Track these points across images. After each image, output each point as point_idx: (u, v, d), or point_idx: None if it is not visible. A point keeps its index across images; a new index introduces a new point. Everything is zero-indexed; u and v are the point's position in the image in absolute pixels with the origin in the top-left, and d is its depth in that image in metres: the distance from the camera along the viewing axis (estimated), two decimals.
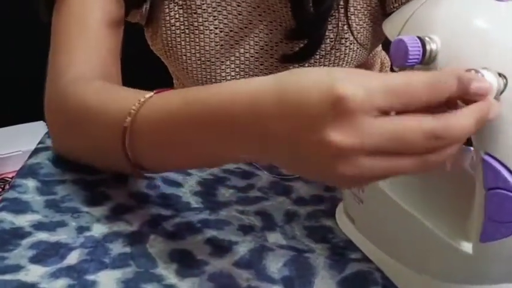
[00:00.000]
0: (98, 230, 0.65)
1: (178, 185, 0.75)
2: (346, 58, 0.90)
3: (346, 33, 0.88)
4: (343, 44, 0.89)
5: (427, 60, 0.52)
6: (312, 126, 0.45)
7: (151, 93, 0.62)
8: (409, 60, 0.52)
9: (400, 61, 0.53)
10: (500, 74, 0.47)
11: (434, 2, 0.55)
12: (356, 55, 0.91)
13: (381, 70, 1.12)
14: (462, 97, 0.46)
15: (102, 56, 0.77)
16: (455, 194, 0.59)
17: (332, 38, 0.88)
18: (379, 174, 0.46)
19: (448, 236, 0.55)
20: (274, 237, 0.67)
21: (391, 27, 0.58)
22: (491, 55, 0.49)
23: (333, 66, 0.90)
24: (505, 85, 0.47)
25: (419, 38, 0.52)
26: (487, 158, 0.49)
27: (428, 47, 0.52)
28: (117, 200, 0.70)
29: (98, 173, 0.74)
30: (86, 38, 0.77)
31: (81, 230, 0.64)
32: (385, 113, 0.45)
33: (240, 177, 0.78)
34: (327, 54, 0.89)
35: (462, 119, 0.45)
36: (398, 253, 0.61)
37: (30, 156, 0.76)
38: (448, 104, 0.46)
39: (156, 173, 0.72)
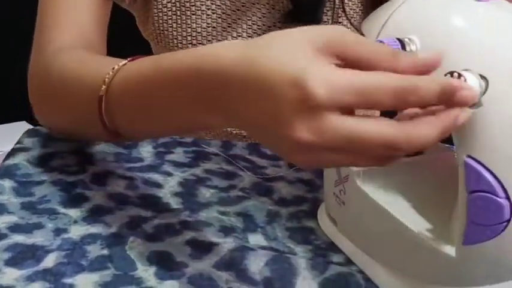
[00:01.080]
0: (76, 232, 0.64)
1: (158, 185, 0.74)
2: None
3: (340, 17, 0.88)
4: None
5: None
6: (275, 117, 0.45)
7: (125, 61, 0.63)
8: None
9: None
10: (481, 76, 0.47)
11: (413, 3, 0.54)
12: None
13: None
14: (440, 103, 0.45)
15: (86, 28, 0.78)
16: (438, 197, 0.59)
17: (326, 22, 0.87)
18: (337, 165, 0.50)
19: (431, 238, 0.54)
20: (255, 239, 0.66)
21: (369, 29, 0.57)
22: (471, 56, 0.49)
23: None
24: (486, 87, 0.47)
25: (398, 39, 0.52)
26: (469, 160, 0.48)
27: (408, 48, 0.52)
28: (95, 201, 0.69)
29: (77, 174, 0.73)
30: (70, 12, 0.78)
31: (58, 232, 0.63)
32: (351, 109, 0.46)
33: (221, 178, 0.77)
34: None
35: (426, 130, 0.44)
36: (381, 255, 0.61)
37: (7, 157, 0.75)
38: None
39: (132, 140, 0.71)
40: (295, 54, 0.45)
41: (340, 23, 0.88)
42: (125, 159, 0.78)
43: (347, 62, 0.46)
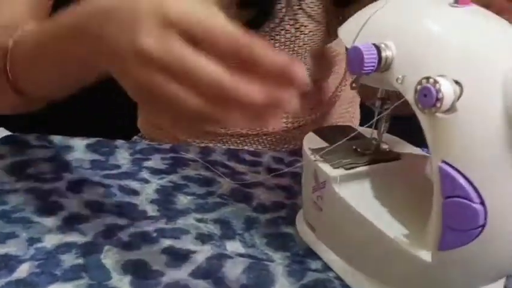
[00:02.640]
0: (50, 241, 0.63)
1: (135, 193, 0.74)
2: (300, 31, 0.89)
3: (297, 5, 0.87)
4: (296, 13, 0.88)
5: (383, 67, 0.52)
6: (131, 24, 0.49)
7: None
8: (365, 68, 0.52)
9: (356, 68, 0.52)
10: (456, 82, 0.47)
11: (389, 8, 0.54)
12: (310, 31, 0.89)
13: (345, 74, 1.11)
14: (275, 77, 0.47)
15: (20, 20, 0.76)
16: (415, 202, 0.59)
17: (283, 6, 0.87)
18: (164, 92, 0.48)
19: (407, 244, 0.54)
20: (233, 246, 0.66)
21: (346, 34, 0.57)
22: (447, 61, 0.49)
23: (285, 39, 0.89)
24: (461, 92, 0.47)
25: (374, 45, 0.52)
26: (443, 166, 0.48)
27: (384, 54, 0.52)
28: (70, 209, 0.69)
29: (52, 182, 0.73)
30: (5, 3, 0.77)
31: (32, 241, 0.63)
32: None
33: (199, 184, 0.77)
34: (278, 26, 0.87)
35: (254, 89, 0.47)
36: (359, 262, 0.60)
37: None
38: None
39: (34, 95, 0.71)
40: None
41: (300, 9, 0.87)
42: (101, 166, 0.78)
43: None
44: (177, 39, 0.48)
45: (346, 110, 1.05)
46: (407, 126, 0.58)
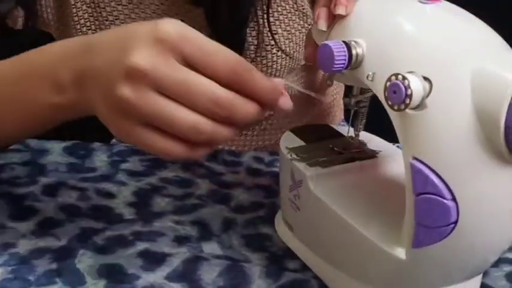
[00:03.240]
0: (24, 246, 0.63)
1: (111, 196, 0.73)
2: (274, 66, 0.89)
3: (271, 39, 0.87)
4: (269, 51, 0.88)
5: (353, 65, 0.52)
6: (125, 44, 0.51)
7: None
8: (335, 65, 0.52)
9: (326, 66, 0.52)
10: (425, 78, 0.47)
11: (360, 6, 0.54)
12: (285, 63, 0.90)
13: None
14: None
15: None
16: (391, 199, 0.59)
17: (256, 45, 0.87)
18: (156, 113, 0.50)
19: (382, 241, 0.54)
20: (210, 247, 0.66)
21: (317, 32, 0.57)
22: (416, 58, 0.49)
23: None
24: (430, 89, 0.47)
25: (344, 42, 0.52)
26: (414, 162, 0.48)
27: (354, 52, 0.51)
28: (45, 213, 0.68)
29: (26, 186, 0.73)
30: None
31: (5, 246, 0.62)
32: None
33: (177, 186, 0.77)
34: (252, 61, 0.87)
35: (249, 105, 0.51)
36: (336, 260, 0.60)
37: None
38: None
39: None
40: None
41: (273, 45, 0.87)
42: (77, 169, 0.77)
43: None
44: (172, 57, 0.50)
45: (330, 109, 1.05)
46: (385, 124, 0.58)
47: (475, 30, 0.51)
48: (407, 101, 0.46)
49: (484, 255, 0.52)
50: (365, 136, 0.68)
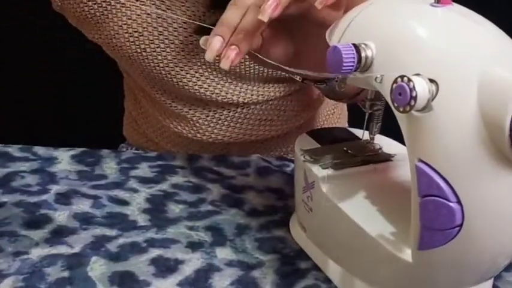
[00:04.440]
0: (36, 254, 0.65)
1: (125, 203, 0.76)
2: None
3: None
4: None
5: (362, 67, 0.53)
6: None
7: None
8: (344, 67, 0.53)
9: (336, 69, 0.54)
10: (431, 80, 0.48)
11: (372, 9, 0.56)
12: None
13: None
14: None
15: None
16: (403, 203, 0.60)
17: None
18: None
19: (390, 243, 0.56)
20: (223, 253, 0.68)
21: (332, 36, 0.59)
22: (424, 61, 0.50)
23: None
24: (437, 91, 0.48)
25: (354, 45, 0.53)
26: (420, 164, 0.50)
27: (363, 54, 0.53)
28: (59, 221, 0.71)
29: (39, 194, 0.75)
30: None
31: (17, 254, 0.65)
32: None
33: (190, 192, 0.79)
34: None
35: None
36: (346, 261, 0.62)
37: None
38: None
39: None
40: None
41: None
42: (88, 177, 0.80)
43: None
44: None
45: (332, 112, 1.06)
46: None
47: (484, 32, 0.52)
48: (412, 102, 0.48)
49: (493, 259, 0.53)
50: (382, 140, 0.69)
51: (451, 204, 0.49)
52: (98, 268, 0.64)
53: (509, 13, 1.19)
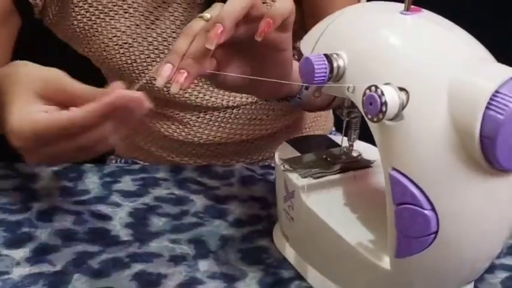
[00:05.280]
0: (17, 273, 0.66)
1: (107, 218, 0.76)
2: None
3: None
4: None
5: (335, 77, 0.54)
6: None
7: None
8: (316, 78, 0.54)
9: (308, 79, 0.55)
10: (401, 89, 0.49)
11: (344, 18, 0.57)
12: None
13: None
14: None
15: None
16: (379, 210, 0.61)
17: None
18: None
19: (368, 251, 0.57)
20: (206, 265, 0.69)
21: (305, 45, 0.60)
22: (394, 70, 0.51)
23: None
24: (407, 100, 0.49)
25: (325, 55, 0.54)
26: (393, 173, 0.51)
27: (335, 64, 0.54)
28: (40, 239, 0.72)
29: (22, 212, 0.76)
30: None
31: None
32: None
33: (172, 204, 0.80)
34: None
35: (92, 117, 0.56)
36: (327, 269, 0.63)
37: None
38: None
39: None
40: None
41: None
42: (70, 192, 0.81)
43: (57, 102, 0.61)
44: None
45: (319, 114, 1.08)
46: None
47: (455, 39, 0.54)
48: (383, 110, 0.49)
49: (471, 264, 0.55)
50: (362, 146, 0.70)
51: (425, 211, 0.50)
52: (79, 286, 0.65)
53: (480, 16, 1.21)
